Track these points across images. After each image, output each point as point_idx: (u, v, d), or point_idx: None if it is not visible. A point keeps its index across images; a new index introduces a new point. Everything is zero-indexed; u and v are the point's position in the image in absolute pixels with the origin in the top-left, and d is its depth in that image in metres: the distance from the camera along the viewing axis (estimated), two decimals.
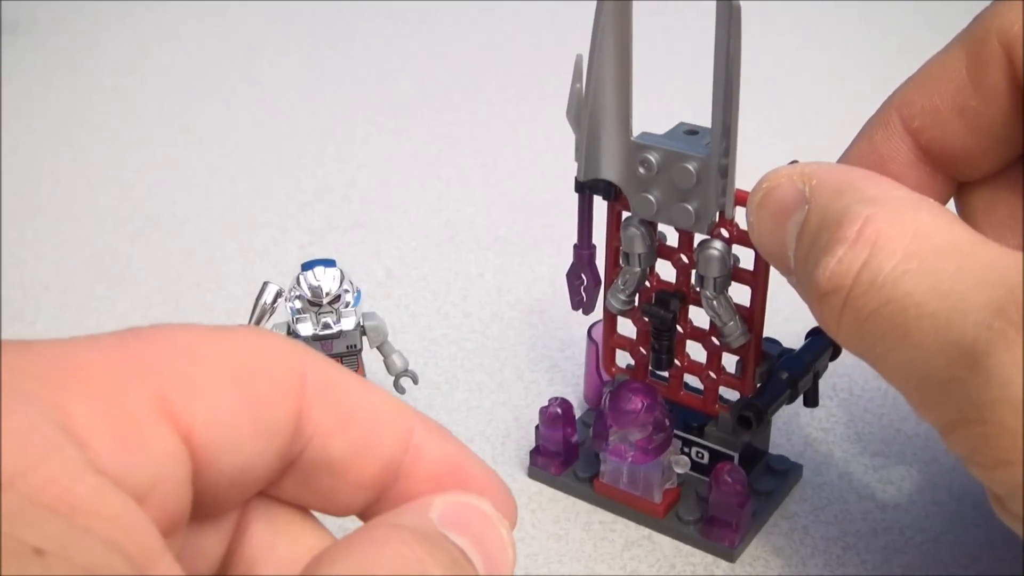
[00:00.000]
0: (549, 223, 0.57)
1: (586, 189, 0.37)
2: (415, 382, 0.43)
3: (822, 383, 0.39)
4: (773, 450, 0.41)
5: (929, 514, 0.39)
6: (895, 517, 0.39)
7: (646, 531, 0.38)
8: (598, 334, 0.42)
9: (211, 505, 0.22)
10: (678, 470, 0.38)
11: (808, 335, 0.39)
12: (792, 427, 0.43)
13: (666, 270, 0.37)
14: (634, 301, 0.38)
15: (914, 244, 0.27)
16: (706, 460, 0.38)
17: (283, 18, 0.89)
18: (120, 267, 0.55)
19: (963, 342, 0.25)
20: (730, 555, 0.37)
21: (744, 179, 0.33)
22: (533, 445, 0.41)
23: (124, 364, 0.20)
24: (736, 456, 0.38)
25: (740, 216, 0.34)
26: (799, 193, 0.30)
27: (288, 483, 0.23)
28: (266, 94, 0.76)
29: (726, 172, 0.33)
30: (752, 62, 0.32)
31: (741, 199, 0.33)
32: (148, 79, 0.79)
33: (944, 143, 0.33)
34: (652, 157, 0.34)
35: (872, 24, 0.83)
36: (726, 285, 0.35)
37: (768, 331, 0.37)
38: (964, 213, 0.34)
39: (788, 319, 0.40)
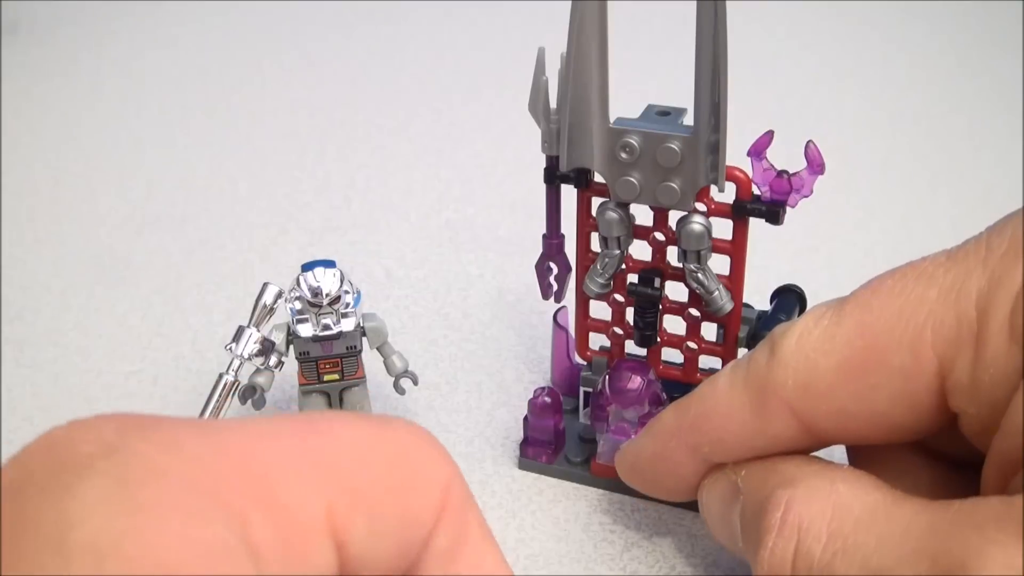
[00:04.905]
0: None
1: (557, 179, 0.38)
2: (415, 383, 0.43)
3: None
4: None
5: None
6: None
7: (647, 532, 0.38)
8: (564, 320, 0.43)
9: None
10: None
11: (773, 296, 0.40)
12: None
13: (637, 249, 0.38)
14: (611, 284, 0.39)
15: (835, 521, 0.28)
16: None
17: (283, 18, 0.89)
18: (120, 267, 0.55)
19: None
20: None
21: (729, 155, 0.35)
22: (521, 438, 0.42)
23: (301, 470, 0.21)
24: None
25: (727, 188, 0.35)
26: (733, 484, 0.32)
27: None
28: (266, 94, 0.76)
29: (716, 148, 0.34)
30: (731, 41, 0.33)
31: (730, 175, 0.35)
32: (148, 79, 0.79)
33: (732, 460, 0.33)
34: (633, 141, 0.35)
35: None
36: (708, 256, 0.36)
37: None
38: None
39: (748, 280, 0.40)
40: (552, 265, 0.41)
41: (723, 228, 0.36)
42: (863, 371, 0.29)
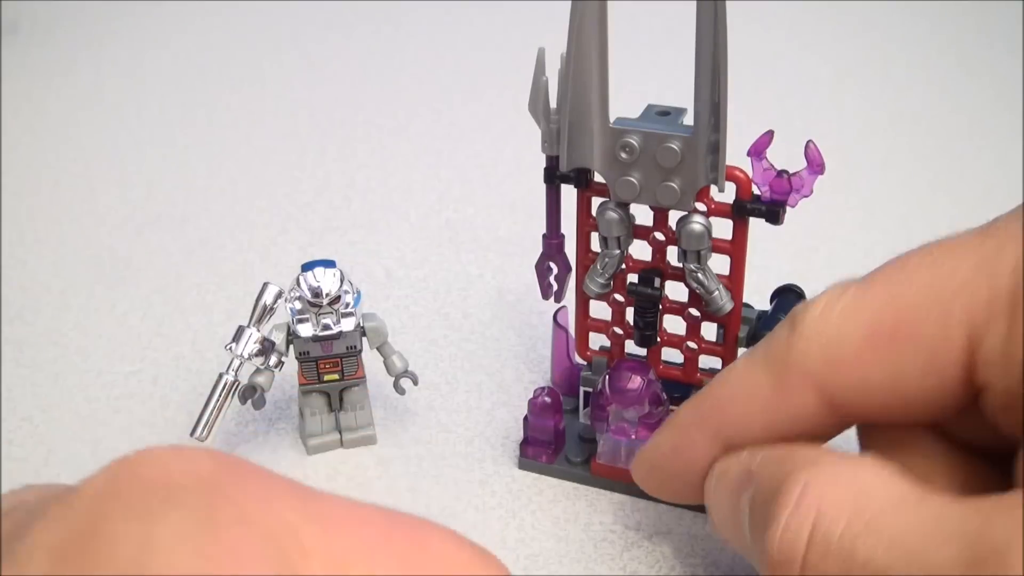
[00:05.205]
0: None
1: (557, 179, 0.38)
2: (415, 383, 0.43)
3: None
4: None
5: None
6: None
7: (647, 532, 0.38)
8: (564, 320, 0.43)
9: None
10: None
11: (773, 296, 0.40)
12: None
13: (637, 249, 0.38)
14: (611, 284, 0.39)
15: (858, 506, 0.27)
16: None
17: (283, 18, 0.89)
18: (120, 267, 0.55)
19: None
20: None
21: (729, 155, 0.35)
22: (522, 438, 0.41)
23: (378, 560, 0.21)
24: None
25: (728, 188, 0.35)
26: (746, 470, 0.31)
27: None
28: (266, 94, 0.76)
29: (716, 147, 0.34)
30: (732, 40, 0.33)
31: (730, 175, 0.35)
32: (148, 79, 0.79)
33: (753, 444, 0.33)
34: (633, 141, 0.35)
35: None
36: (708, 256, 0.36)
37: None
38: None
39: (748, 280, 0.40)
40: (552, 265, 0.41)
41: (723, 228, 0.36)
42: (891, 341, 0.29)
